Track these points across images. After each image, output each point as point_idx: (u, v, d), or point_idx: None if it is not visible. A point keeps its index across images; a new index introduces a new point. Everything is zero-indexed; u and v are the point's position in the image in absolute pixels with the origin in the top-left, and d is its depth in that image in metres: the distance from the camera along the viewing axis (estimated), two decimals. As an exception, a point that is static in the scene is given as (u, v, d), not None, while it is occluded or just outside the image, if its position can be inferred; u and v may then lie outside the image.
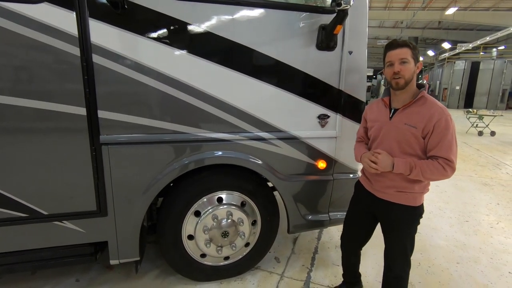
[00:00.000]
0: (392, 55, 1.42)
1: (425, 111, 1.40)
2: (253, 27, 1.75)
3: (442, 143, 1.37)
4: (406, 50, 1.40)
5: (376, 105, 1.65)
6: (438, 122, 1.36)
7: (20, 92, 1.47)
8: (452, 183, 4.53)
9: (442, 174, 1.38)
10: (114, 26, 1.53)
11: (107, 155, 1.65)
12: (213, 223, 1.98)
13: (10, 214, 1.59)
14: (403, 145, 1.45)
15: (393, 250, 1.59)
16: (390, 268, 1.60)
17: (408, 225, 1.54)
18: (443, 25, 19.10)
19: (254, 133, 1.87)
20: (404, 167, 1.40)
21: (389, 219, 1.57)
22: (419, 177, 1.40)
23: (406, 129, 1.42)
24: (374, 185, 1.60)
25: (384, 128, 1.51)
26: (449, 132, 1.37)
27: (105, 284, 2.12)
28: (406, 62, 1.39)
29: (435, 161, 1.38)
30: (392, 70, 1.41)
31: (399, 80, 1.40)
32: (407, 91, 1.45)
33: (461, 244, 2.76)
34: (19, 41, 1.42)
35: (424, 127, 1.39)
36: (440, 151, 1.38)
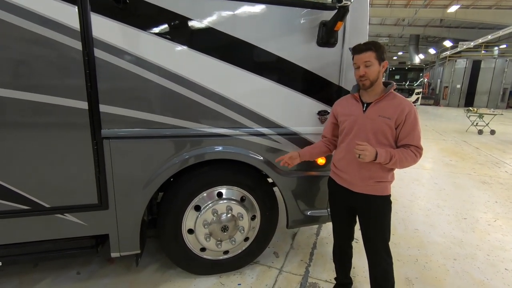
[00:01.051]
0: (357, 59, 1.54)
1: (397, 104, 1.52)
2: (254, 23, 1.76)
3: (413, 132, 1.51)
4: (370, 54, 1.50)
5: (345, 100, 1.73)
6: (409, 113, 1.50)
7: (22, 86, 1.48)
8: (451, 181, 4.55)
9: (414, 161, 1.52)
10: (115, 21, 1.54)
11: (108, 149, 1.66)
12: (213, 218, 2.00)
13: (13, 206, 1.61)
14: (379, 136, 1.54)
15: (375, 243, 1.64)
16: (375, 262, 1.66)
17: (384, 215, 1.63)
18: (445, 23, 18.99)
19: (254, 129, 1.89)
20: (385, 155, 1.48)
21: (366, 211, 1.64)
22: (396, 165, 1.51)
23: (381, 121, 1.52)
24: (351, 179, 1.63)
25: (359, 120, 1.58)
26: (417, 123, 1.53)
27: (105, 277, 2.15)
28: (370, 65, 1.51)
29: (408, 149, 1.51)
30: (358, 73, 1.54)
31: (365, 81, 1.53)
32: (375, 89, 1.57)
33: (458, 241, 2.79)
34: (22, 34, 1.43)
35: (397, 118, 1.50)
36: (412, 140, 1.51)
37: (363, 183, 1.60)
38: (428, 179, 4.70)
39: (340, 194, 1.72)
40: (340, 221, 1.82)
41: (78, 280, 2.11)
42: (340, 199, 1.75)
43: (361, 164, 1.56)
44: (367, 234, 1.67)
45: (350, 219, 1.77)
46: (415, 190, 4.15)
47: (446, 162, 5.71)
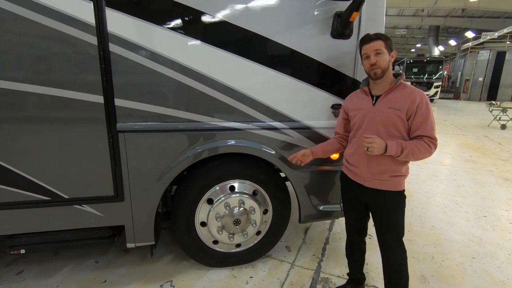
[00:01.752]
0: (367, 48, 1.51)
1: (407, 95, 1.48)
2: (268, 16, 1.74)
3: (425, 123, 1.46)
4: (380, 42, 1.48)
5: (355, 95, 1.70)
6: (420, 104, 1.45)
7: (41, 81, 1.52)
8: (471, 177, 4.39)
9: (428, 152, 1.47)
10: (129, 15, 1.55)
11: (123, 142, 1.70)
12: (225, 211, 2.02)
13: (34, 197, 1.68)
14: (390, 128, 1.50)
15: (387, 238, 1.62)
16: (388, 257, 1.63)
17: (399, 210, 1.59)
18: (467, 13, 18.11)
19: (267, 123, 1.87)
20: (396, 147, 1.45)
21: (379, 207, 1.61)
22: (409, 157, 1.46)
23: (392, 113, 1.49)
24: (362, 173, 1.60)
25: (369, 114, 1.56)
26: (430, 112, 1.47)
27: (122, 266, 2.22)
28: (381, 53, 1.48)
29: (421, 140, 1.47)
30: (369, 62, 1.50)
31: (376, 70, 1.49)
32: (385, 80, 1.54)
33: (477, 239, 2.70)
34: (39, 30, 1.46)
35: (408, 109, 1.46)
36: (425, 131, 1.46)
37: (374, 178, 1.57)
38: (447, 175, 4.55)
39: (352, 188, 1.70)
40: (353, 216, 1.80)
41: (96, 269, 2.19)
42: (352, 194, 1.73)
43: (372, 158, 1.54)
44: (380, 230, 1.64)
45: (363, 214, 1.75)
46: (432, 186, 4.03)
47: (466, 158, 5.51)
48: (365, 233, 1.84)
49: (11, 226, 1.72)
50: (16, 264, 2.21)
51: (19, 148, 1.59)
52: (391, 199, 1.57)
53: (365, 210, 1.73)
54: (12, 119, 1.55)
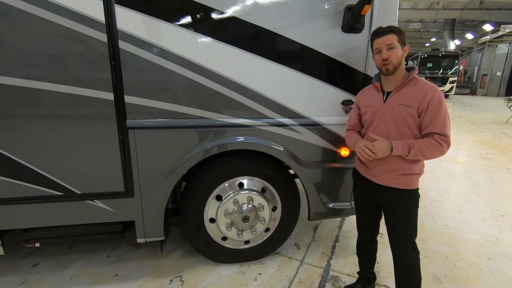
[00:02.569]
0: (379, 42, 1.45)
1: (418, 90, 1.43)
2: (277, 11, 1.71)
3: (436, 119, 1.40)
4: (392, 36, 1.42)
5: (367, 91, 1.65)
6: (432, 99, 1.39)
7: (51, 78, 1.55)
8: (487, 175, 4.26)
9: (439, 150, 1.41)
10: (139, 12, 1.56)
11: (133, 139, 1.72)
12: (234, 208, 2.02)
13: (48, 192, 1.72)
14: (401, 125, 1.46)
15: (398, 238, 1.58)
16: (399, 256, 1.59)
17: (411, 209, 1.54)
18: (485, 4, 17.44)
19: (276, 119, 1.86)
20: (403, 147, 1.41)
21: (390, 205, 1.57)
22: (418, 156, 1.42)
23: (402, 109, 1.44)
24: (372, 171, 1.58)
25: (380, 111, 1.52)
26: (442, 108, 1.40)
27: (133, 260, 2.26)
28: (393, 48, 1.43)
29: (431, 138, 1.41)
30: (381, 57, 1.44)
31: (388, 66, 1.44)
32: (397, 75, 1.48)
33: (493, 239, 2.61)
34: (50, 28, 1.48)
35: (418, 105, 1.41)
36: (435, 127, 1.40)
37: (385, 176, 1.53)
38: (461, 173, 4.42)
39: (364, 185, 1.67)
40: (364, 214, 1.77)
41: (108, 263, 2.24)
42: (364, 191, 1.70)
43: (382, 157, 1.49)
44: (390, 229, 1.61)
45: (374, 212, 1.71)
46: (446, 184, 3.93)
47: (482, 155, 5.34)
48: (377, 231, 1.81)
49: (26, 220, 1.77)
50: (32, 257, 2.28)
51: (34, 145, 1.62)
52: (402, 198, 1.53)
53: (377, 208, 1.69)
54: (26, 116, 1.59)
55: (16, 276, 2.07)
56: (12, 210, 1.72)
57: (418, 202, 1.56)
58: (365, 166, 1.63)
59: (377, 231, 1.81)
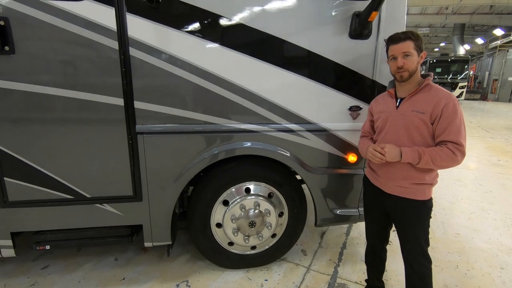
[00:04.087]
0: (394, 49, 1.42)
1: (432, 97, 1.39)
2: (285, 17, 1.73)
3: (450, 127, 1.35)
4: (409, 43, 1.39)
5: (381, 97, 1.64)
6: (446, 106, 1.35)
7: (64, 84, 1.59)
8: (500, 183, 4.16)
9: (452, 160, 1.36)
10: (149, 20, 1.59)
11: (142, 143, 1.74)
12: (241, 213, 2.02)
13: (59, 195, 1.75)
14: (412, 132, 1.43)
15: (409, 248, 1.55)
16: (411, 265, 1.55)
17: (420, 220, 1.50)
18: (496, 9, 17.20)
19: (283, 125, 1.86)
20: (412, 154, 1.38)
21: (400, 215, 1.54)
22: (429, 164, 1.37)
23: (415, 116, 1.41)
24: (382, 179, 1.56)
25: (391, 117, 1.50)
26: (457, 116, 1.36)
27: (140, 264, 2.27)
28: (409, 55, 1.40)
29: (444, 146, 1.36)
30: (396, 64, 1.42)
31: (403, 73, 1.41)
32: (412, 81, 1.45)
33: (506, 249, 2.55)
34: (64, 36, 1.53)
35: (432, 112, 1.37)
36: (449, 135, 1.36)
37: (395, 184, 1.50)
38: (472, 180, 4.33)
39: (373, 193, 1.65)
40: (374, 222, 1.74)
41: (116, 266, 2.26)
42: (373, 199, 1.67)
43: (392, 165, 1.47)
44: (401, 238, 1.58)
45: (384, 220, 1.68)
46: (457, 192, 3.85)
47: (493, 162, 5.23)
48: (386, 240, 1.77)
49: (38, 222, 1.81)
50: (42, 259, 2.32)
51: (46, 149, 1.66)
52: (412, 208, 1.48)
53: (387, 217, 1.66)
54: (39, 121, 1.63)
55: (26, 278, 2.11)
56: (25, 212, 1.76)
57: (430, 213, 1.51)
58: (375, 173, 1.61)
59: (386, 240, 1.77)
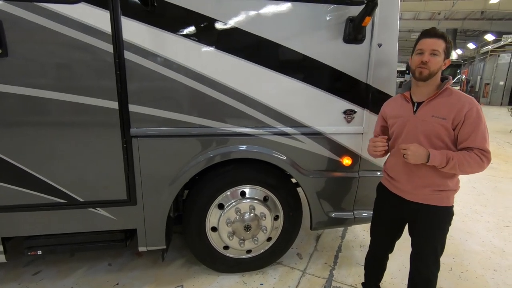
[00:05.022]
0: (425, 43, 1.36)
1: (454, 102, 1.34)
2: (280, 22, 1.74)
3: (475, 133, 1.31)
4: (441, 43, 1.34)
5: (394, 101, 1.59)
6: (470, 111, 1.30)
7: (58, 87, 1.58)
8: (492, 186, 4.21)
9: (479, 166, 1.32)
10: (144, 24, 1.59)
11: (136, 147, 1.73)
12: (236, 217, 2.01)
13: (52, 200, 1.73)
14: (433, 139, 1.38)
15: (423, 253, 1.50)
16: (420, 270, 1.51)
17: (441, 227, 1.46)
18: (487, 15, 17.58)
19: (278, 128, 1.87)
20: (441, 158, 1.31)
21: (420, 222, 1.48)
22: (455, 169, 1.32)
23: (435, 122, 1.36)
24: (403, 186, 1.49)
25: (409, 123, 1.44)
26: (481, 121, 1.31)
27: (134, 269, 2.25)
28: (437, 55, 1.34)
29: (471, 152, 1.32)
30: (421, 59, 1.35)
31: (423, 70, 1.35)
32: (430, 84, 1.40)
33: (499, 251, 2.57)
34: (58, 39, 1.52)
35: (454, 118, 1.32)
36: (474, 142, 1.31)
37: (418, 192, 1.44)
38: (465, 182, 4.38)
39: (390, 201, 1.57)
40: (382, 231, 1.68)
41: (109, 271, 2.23)
42: (389, 208, 1.59)
43: (413, 171, 1.42)
44: (416, 243, 1.53)
45: (395, 231, 1.63)
46: (450, 194, 3.88)
47: (486, 165, 5.29)
48: (391, 250, 1.73)
49: (30, 227, 1.77)
50: (34, 265, 2.27)
51: (38, 153, 1.64)
52: (434, 215, 1.43)
53: (398, 229, 1.62)
54: (31, 124, 1.61)
55: (17, 284, 2.06)
56: (16, 217, 1.73)
57: (451, 220, 1.47)
58: (394, 181, 1.54)
59: (390, 250, 1.73)
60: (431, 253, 1.48)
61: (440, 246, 1.48)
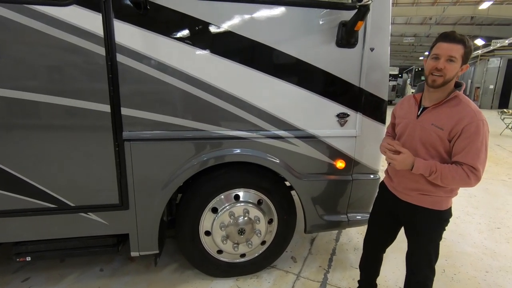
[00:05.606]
0: (442, 48, 1.27)
1: (456, 113, 1.29)
2: (273, 25, 1.75)
3: (469, 148, 1.26)
4: (459, 48, 1.25)
5: (407, 100, 1.56)
6: (468, 126, 1.25)
7: (48, 90, 1.56)
8: (483, 187, 4.27)
9: (464, 182, 1.28)
10: (137, 27, 1.58)
11: (129, 151, 1.71)
12: (230, 220, 2.00)
13: (41, 204, 1.70)
14: (428, 147, 1.36)
15: (416, 256, 1.51)
16: (414, 272, 1.52)
17: (432, 230, 1.45)
18: (476, 20, 17.95)
19: (272, 132, 1.87)
20: (424, 168, 1.31)
21: (412, 223, 1.50)
22: (437, 181, 1.31)
23: (432, 130, 1.33)
24: (396, 186, 1.53)
25: (410, 126, 1.44)
26: (478, 138, 1.26)
27: (126, 275, 2.21)
28: (454, 61, 1.26)
29: (459, 167, 1.28)
30: (436, 65, 1.27)
31: (437, 78, 1.28)
32: (442, 91, 1.33)
33: (491, 252, 2.60)
34: (49, 41, 1.50)
35: (451, 130, 1.28)
36: (465, 158, 1.27)
37: (407, 192, 1.47)
38: (457, 185, 4.43)
39: (387, 199, 1.59)
40: (377, 230, 1.70)
41: (101, 277, 2.18)
42: (387, 207, 1.61)
43: (406, 174, 1.42)
44: (410, 245, 1.54)
45: (391, 230, 1.64)
46: (443, 197, 3.92)
47: (477, 167, 5.37)
48: (384, 250, 1.75)
49: (18, 233, 1.74)
50: (23, 271, 2.22)
51: (28, 156, 1.61)
52: (425, 217, 1.43)
53: (395, 228, 1.63)
54: (21, 127, 1.59)
55: (6, 291, 2.02)
56: (4, 223, 1.69)
57: (445, 224, 1.46)
58: (391, 181, 1.57)
59: (384, 250, 1.75)
60: (423, 256, 1.49)
61: (433, 250, 1.47)
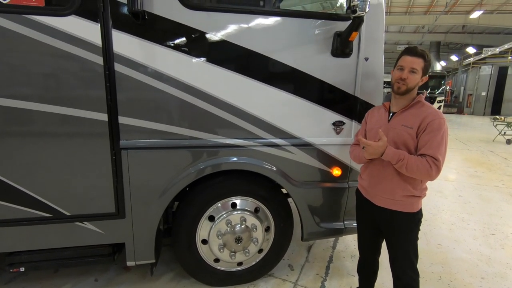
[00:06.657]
0: (406, 60, 1.47)
1: (421, 112, 1.46)
2: (269, 35, 1.78)
3: (431, 141, 1.41)
4: (420, 61, 1.45)
5: (377, 109, 1.70)
6: (432, 122, 1.42)
7: (47, 99, 1.56)
8: (477, 194, 4.32)
9: (427, 172, 1.40)
10: (135, 36, 1.60)
11: (126, 159, 1.71)
12: (227, 228, 1.99)
13: (36, 214, 1.68)
14: (400, 146, 1.49)
15: (397, 258, 1.58)
16: (399, 277, 1.58)
17: (408, 231, 1.54)
18: (468, 29, 18.38)
19: (269, 140, 1.88)
20: (393, 155, 1.43)
21: (388, 226, 1.58)
22: (403, 170, 1.43)
23: (403, 130, 1.48)
24: (371, 191, 1.60)
25: (383, 129, 1.53)
26: (439, 132, 1.41)
27: (122, 284, 2.18)
28: (415, 72, 1.46)
29: (424, 158, 1.41)
30: (400, 75, 1.46)
31: (401, 86, 1.47)
32: (406, 98, 1.52)
33: (486, 258, 2.62)
34: (48, 51, 1.51)
35: (419, 126, 1.44)
36: (429, 149, 1.40)
37: (383, 197, 1.54)
38: (452, 191, 4.48)
39: (365, 206, 1.68)
40: (366, 234, 1.77)
41: (96, 287, 2.15)
42: (365, 212, 1.70)
43: (383, 176, 1.53)
44: (390, 249, 1.61)
45: (375, 233, 1.70)
46: (438, 203, 3.96)
47: (471, 173, 5.44)
48: (378, 252, 1.79)
49: (12, 243, 1.71)
50: (16, 282, 2.18)
51: (22, 165, 1.60)
52: (400, 220, 1.53)
53: (378, 229, 1.68)
54: (16, 136, 1.58)
55: (-3, 303, 1.97)
56: (-2, 232, 1.67)
57: (419, 225, 1.56)
58: (365, 185, 1.66)
59: (378, 253, 1.79)
60: (404, 257, 1.55)
61: (412, 249, 1.55)
